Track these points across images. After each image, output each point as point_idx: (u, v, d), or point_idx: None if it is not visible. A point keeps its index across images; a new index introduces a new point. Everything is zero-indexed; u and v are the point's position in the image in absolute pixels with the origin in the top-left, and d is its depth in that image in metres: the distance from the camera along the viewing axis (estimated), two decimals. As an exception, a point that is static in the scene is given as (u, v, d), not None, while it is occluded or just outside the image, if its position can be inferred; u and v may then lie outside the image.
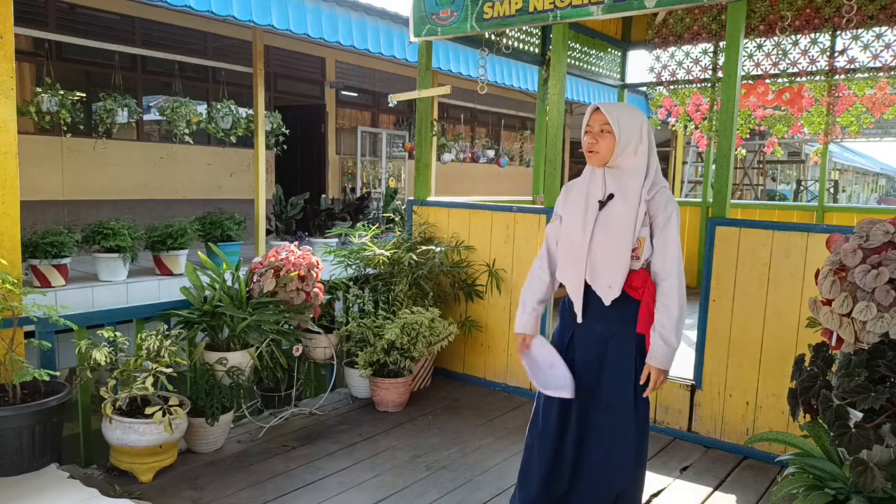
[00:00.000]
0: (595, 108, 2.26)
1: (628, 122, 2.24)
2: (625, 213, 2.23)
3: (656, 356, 2.24)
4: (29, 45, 7.72)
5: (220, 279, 3.62)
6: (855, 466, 1.89)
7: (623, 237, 2.21)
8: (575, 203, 2.34)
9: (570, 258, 2.31)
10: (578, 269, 2.29)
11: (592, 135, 2.26)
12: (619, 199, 2.24)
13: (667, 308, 2.22)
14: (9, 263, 3.10)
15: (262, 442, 3.45)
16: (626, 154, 2.25)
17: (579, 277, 2.29)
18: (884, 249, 2.11)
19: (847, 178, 28.86)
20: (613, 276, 2.24)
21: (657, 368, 2.25)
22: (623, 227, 2.22)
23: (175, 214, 8.18)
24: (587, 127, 2.29)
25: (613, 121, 2.22)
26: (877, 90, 5.76)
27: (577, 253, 2.29)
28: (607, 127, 2.23)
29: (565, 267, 2.35)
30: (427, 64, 4.60)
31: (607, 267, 2.24)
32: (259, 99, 7.80)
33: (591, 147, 2.26)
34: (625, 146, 2.24)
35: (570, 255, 2.31)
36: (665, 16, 6.24)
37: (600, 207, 2.25)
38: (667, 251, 2.23)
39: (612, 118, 2.23)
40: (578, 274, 2.29)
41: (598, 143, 2.25)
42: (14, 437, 2.83)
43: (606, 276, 2.25)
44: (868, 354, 2.01)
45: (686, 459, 3.38)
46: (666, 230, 2.23)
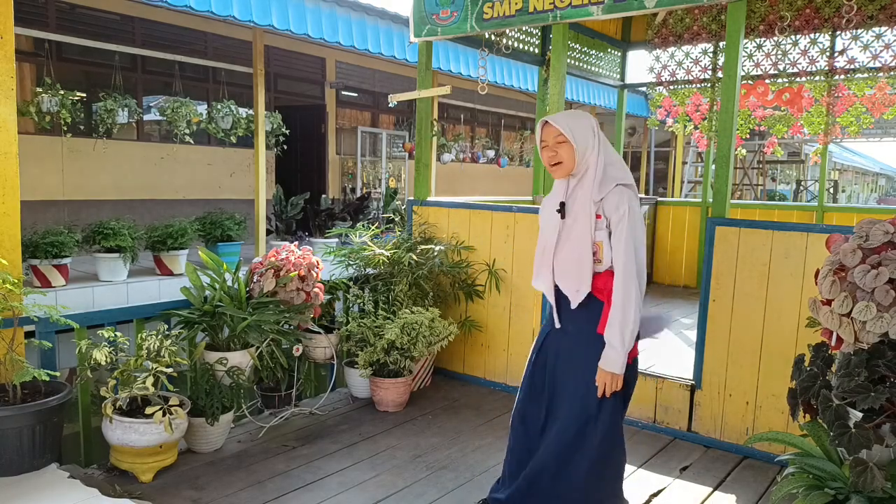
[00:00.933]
0: (544, 123, 2.31)
1: (580, 128, 2.29)
2: (581, 218, 2.29)
3: (604, 359, 2.27)
4: (29, 45, 7.72)
5: (220, 279, 3.62)
6: (855, 466, 1.89)
7: (583, 242, 2.27)
8: (545, 214, 2.43)
9: (542, 264, 2.41)
10: (548, 274, 2.38)
11: (550, 148, 2.31)
12: (576, 207, 2.30)
13: (612, 308, 2.24)
14: (9, 263, 3.10)
15: (263, 442, 3.45)
16: (588, 158, 2.29)
17: (549, 281, 2.38)
18: (883, 249, 2.11)
19: (847, 178, 28.86)
20: (578, 279, 2.30)
21: (601, 369, 2.27)
22: (582, 232, 2.27)
23: (175, 214, 8.18)
24: (542, 143, 2.34)
25: (566, 130, 2.27)
26: (876, 90, 5.76)
27: (546, 259, 2.38)
28: (561, 137, 2.29)
29: (538, 273, 2.44)
30: (427, 64, 4.61)
31: (571, 271, 2.31)
32: (259, 99, 7.80)
33: (553, 160, 2.30)
34: (584, 151, 2.29)
35: (542, 261, 2.41)
36: (665, 16, 6.24)
37: (562, 216, 2.33)
38: (617, 251, 2.25)
39: (563, 128, 2.28)
40: (548, 278, 2.38)
41: (558, 155, 2.30)
42: (14, 437, 2.83)
43: (572, 279, 2.31)
44: (868, 354, 2.01)
45: (686, 459, 3.38)
46: (618, 229, 2.25)
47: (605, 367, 2.26)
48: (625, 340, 2.22)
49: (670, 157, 18.15)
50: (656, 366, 3.93)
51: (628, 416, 3.78)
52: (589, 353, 2.32)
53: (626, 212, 2.23)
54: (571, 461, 2.36)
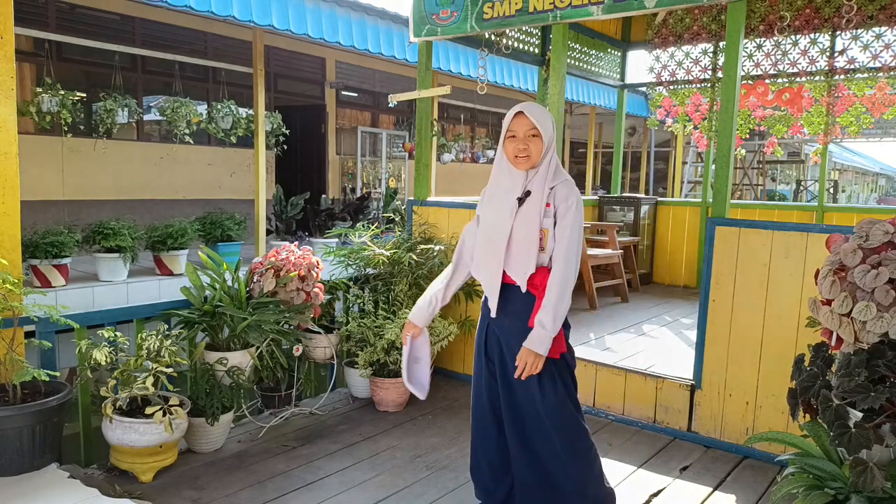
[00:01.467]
0: (519, 112, 2.31)
1: (548, 124, 2.32)
2: (534, 203, 2.32)
3: (531, 338, 2.29)
4: (29, 45, 7.72)
5: (220, 279, 3.62)
6: (855, 466, 1.89)
7: (532, 228, 2.30)
8: (494, 203, 2.41)
9: (489, 252, 2.38)
10: (497, 262, 2.36)
11: (520, 140, 2.31)
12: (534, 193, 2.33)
13: (549, 291, 2.28)
14: (9, 263, 3.10)
15: (263, 442, 3.45)
16: (547, 153, 2.34)
17: (498, 269, 2.36)
18: (883, 249, 2.11)
19: (847, 178, 28.86)
20: (527, 262, 2.32)
21: (527, 349, 2.28)
22: (532, 218, 2.31)
23: (175, 214, 8.18)
24: (510, 132, 2.33)
25: (540, 125, 2.29)
26: (876, 90, 5.76)
27: (496, 246, 2.36)
28: (534, 131, 2.29)
29: (482, 263, 2.42)
30: (427, 64, 4.60)
31: (522, 256, 2.33)
32: (259, 99, 7.80)
33: (522, 152, 2.31)
34: (548, 146, 2.33)
35: (489, 250, 2.38)
36: (665, 16, 6.24)
37: (520, 204, 2.33)
38: (561, 239, 2.30)
39: (538, 122, 2.29)
40: (497, 266, 2.36)
41: (528, 148, 2.31)
42: (14, 437, 2.83)
43: (521, 263, 2.33)
44: (868, 354, 2.01)
45: (686, 459, 3.38)
46: (564, 220, 2.30)
47: (531, 346, 2.28)
48: (555, 323, 2.28)
49: (670, 157, 18.16)
50: (656, 366, 3.93)
51: (628, 416, 3.80)
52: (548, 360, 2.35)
53: (574, 203, 2.31)
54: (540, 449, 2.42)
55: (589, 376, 3.95)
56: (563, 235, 2.29)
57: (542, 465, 2.43)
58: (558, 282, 2.27)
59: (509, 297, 2.38)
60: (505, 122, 2.36)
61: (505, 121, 2.36)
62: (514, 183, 2.37)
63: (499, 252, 2.35)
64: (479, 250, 2.44)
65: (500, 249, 2.34)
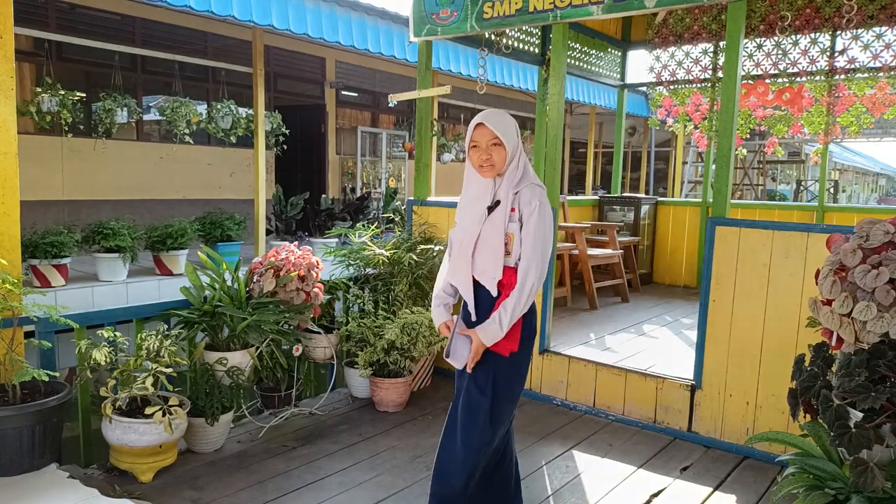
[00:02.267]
0: (479, 124, 2.33)
1: (510, 131, 2.35)
2: (501, 210, 2.34)
3: (483, 328, 2.31)
4: (29, 45, 7.72)
5: (219, 279, 3.62)
6: (855, 466, 1.89)
7: (498, 233, 2.32)
8: (466, 211, 2.44)
9: (461, 259, 2.41)
10: (466, 268, 2.39)
11: (483, 150, 2.33)
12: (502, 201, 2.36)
13: (514, 294, 2.29)
14: (9, 263, 3.10)
15: (262, 442, 3.45)
16: (514, 160, 2.36)
17: (468, 275, 2.40)
18: (884, 249, 2.11)
19: (847, 178, 28.86)
20: (493, 267, 2.34)
21: (477, 336, 2.32)
22: (497, 223, 2.33)
23: (175, 214, 8.18)
24: (472, 143, 2.35)
25: (501, 134, 2.31)
26: (877, 90, 5.76)
27: (465, 253, 2.39)
28: (496, 140, 2.31)
29: (457, 269, 2.45)
30: (427, 64, 4.60)
31: (487, 261, 2.34)
32: (259, 99, 7.80)
33: (487, 162, 2.33)
34: (513, 154, 2.35)
35: (461, 256, 2.42)
36: (665, 16, 6.24)
37: (489, 212, 2.35)
38: (525, 242, 2.32)
39: (499, 132, 2.30)
40: (467, 272, 2.40)
41: (491, 158, 2.32)
42: (14, 437, 2.82)
43: (488, 268, 2.35)
44: (868, 354, 2.01)
45: (686, 459, 3.38)
46: (529, 223, 2.32)
47: (481, 335, 2.32)
48: (510, 321, 2.30)
49: (670, 157, 18.15)
50: (656, 366, 3.92)
51: (628, 416, 3.79)
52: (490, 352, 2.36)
53: (538, 206, 2.32)
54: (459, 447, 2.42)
55: (589, 376, 3.94)
56: (527, 239, 2.31)
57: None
58: (519, 285, 2.29)
59: (483, 301, 2.41)
60: (468, 132, 2.38)
61: (468, 131, 2.38)
62: (482, 191, 2.40)
63: (467, 258, 2.38)
64: (454, 257, 2.47)
65: (468, 256, 2.38)
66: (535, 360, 4.18)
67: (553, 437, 3.60)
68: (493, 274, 2.35)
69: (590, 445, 3.51)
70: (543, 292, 4.10)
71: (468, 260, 2.39)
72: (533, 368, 4.18)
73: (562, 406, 4.04)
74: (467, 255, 2.39)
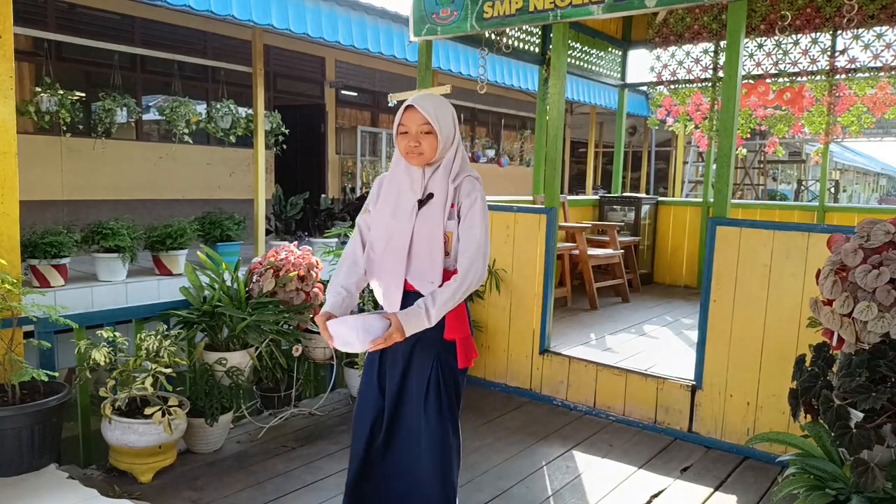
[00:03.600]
0: (409, 106, 2.10)
1: (446, 119, 2.13)
2: (437, 205, 2.14)
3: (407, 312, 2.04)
4: (28, 45, 7.71)
5: (219, 279, 3.62)
6: (856, 467, 1.89)
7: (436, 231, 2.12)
8: (387, 201, 2.19)
9: (389, 259, 2.16)
10: (398, 270, 2.14)
11: (412, 137, 2.10)
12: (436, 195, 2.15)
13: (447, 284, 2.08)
14: (8, 263, 3.09)
15: (262, 442, 3.44)
16: (447, 149, 2.16)
17: (399, 278, 2.14)
18: (885, 249, 2.10)
19: (848, 178, 28.87)
20: (432, 270, 2.12)
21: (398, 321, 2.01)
22: (435, 221, 2.12)
23: (174, 214, 8.17)
24: (402, 126, 2.12)
25: (433, 120, 2.09)
26: (877, 90, 5.75)
27: (396, 253, 2.14)
28: (427, 127, 2.10)
29: (382, 269, 2.18)
30: (427, 63, 4.59)
31: (425, 262, 2.13)
32: (259, 99, 7.79)
33: (414, 149, 2.11)
34: (445, 143, 2.13)
35: (388, 256, 2.16)
36: (665, 15, 6.23)
37: (419, 207, 2.13)
38: (469, 235, 2.13)
39: (431, 118, 2.08)
40: (399, 275, 2.14)
41: (420, 146, 2.11)
42: (13, 438, 2.82)
43: (426, 271, 2.13)
44: (869, 354, 2.00)
45: (686, 460, 3.37)
46: (470, 215, 2.14)
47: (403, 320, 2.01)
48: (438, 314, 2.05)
49: (671, 157, 18.15)
50: (657, 366, 3.92)
51: (628, 417, 3.79)
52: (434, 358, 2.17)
53: (478, 198, 2.16)
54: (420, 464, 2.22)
55: (589, 377, 3.94)
56: (471, 231, 2.12)
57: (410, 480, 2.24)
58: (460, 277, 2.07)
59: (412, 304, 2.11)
60: (397, 115, 2.15)
61: (397, 114, 2.15)
62: (412, 181, 2.16)
63: (400, 259, 2.13)
64: (376, 256, 2.19)
65: (400, 257, 2.13)
66: (535, 361, 4.18)
67: (553, 438, 3.59)
68: (432, 278, 2.11)
69: (590, 446, 3.51)
70: (543, 292, 4.09)
71: (401, 261, 2.13)
72: (533, 369, 4.18)
73: (562, 406, 4.04)
74: (400, 255, 2.13)
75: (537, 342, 4.15)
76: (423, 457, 2.20)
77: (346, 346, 2.03)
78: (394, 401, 2.23)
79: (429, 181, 2.16)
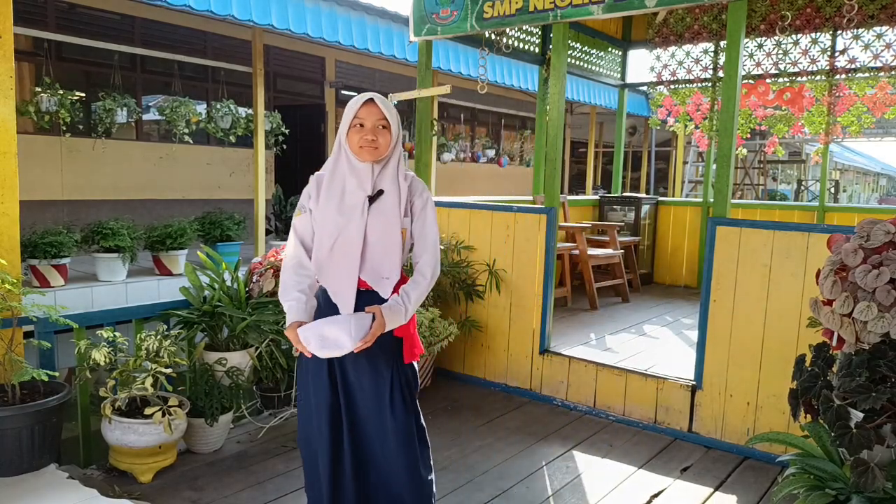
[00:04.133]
0: (370, 100, 2.12)
1: (395, 116, 2.17)
2: (392, 203, 2.15)
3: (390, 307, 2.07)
4: (28, 45, 7.71)
5: (219, 279, 3.62)
6: (856, 467, 1.89)
7: (393, 227, 2.14)
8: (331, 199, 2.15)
9: (341, 259, 2.13)
10: (352, 269, 2.13)
11: (369, 131, 2.10)
12: (387, 192, 2.16)
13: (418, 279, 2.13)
14: (8, 263, 3.09)
15: (262, 442, 3.44)
16: (396, 147, 2.19)
17: (353, 278, 2.13)
18: (885, 249, 2.10)
19: (848, 178, 28.87)
20: (390, 266, 2.15)
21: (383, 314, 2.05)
22: (392, 216, 2.14)
23: (174, 214, 8.17)
24: (357, 120, 2.12)
25: (389, 116, 2.13)
26: (877, 90, 5.76)
27: (349, 253, 2.12)
28: (384, 122, 2.12)
29: (335, 268, 2.15)
30: (427, 63, 4.60)
31: (384, 259, 2.14)
32: (259, 98, 7.79)
33: (370, 143, 2.10)
34: (396, 139, 2.17)
35: (340, 257, 2.13)
36: (665, 15, 6.23)
37: (370, 203, 2.13)
38: (425, 231, 2.18)
39: (387, 113, 2.12)
40: (353, 274, 2.13)
41: (377, 140, 2.11)
42: (13, 438, 2.82)
43: (384, 269, 2.14)
44: (869, 354, 2.00)
45: (686, 460, 3.37)
46: (424, 213, 2.19)
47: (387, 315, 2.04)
48: (413, 310, 2.12)
49: (671, 157, 18.15)
50: (657, 366, 3.92)
51: (628, 417, 3.79)
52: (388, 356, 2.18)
53: (428, 197, 2.22)
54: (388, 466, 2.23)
55: (589, 377, 3.94)
56: (428, 229, 2.19)
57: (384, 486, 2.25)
58: (429, 277, 2.13)
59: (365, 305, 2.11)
60: (350, 108, 2.14)
61: (350, 107, 2.14)
62: (359, 178, 2.14)
63: (353, 257, 2.11)
64: (324, 256, 2.15)
65: (354, 254, 2.11)
66: (535, 361, 4.18)
67: (553, 438, 3.59)
68: (387, 274, 2.12)
69: (590, 446, 3.51)
70: (543, 292, 4.09)
71: (355, 259, 2.11)
72: (533, 369, 4.18)
73: (562, 406, 4.04)
74: (353, 253, 2.10)
75: (537, 342, 4.15)
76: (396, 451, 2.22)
77: (334, 349, 2.00)
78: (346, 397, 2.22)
79: (377, 178, 2.17)
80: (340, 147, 2.18)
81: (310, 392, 2.26)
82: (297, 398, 2.34)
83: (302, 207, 2.22)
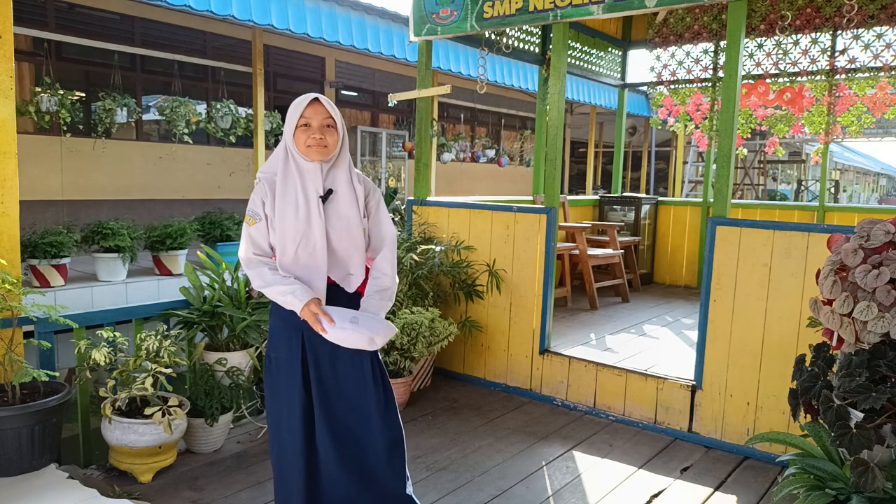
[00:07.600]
0: (315, 99, 2.13)
1: (339, 115, 2.18)
2: (349, 202, 2.18)
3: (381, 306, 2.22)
4: (28, 45, 7.72)
5: (219, 279, 3.62)
6: (856, 467, 1.89)
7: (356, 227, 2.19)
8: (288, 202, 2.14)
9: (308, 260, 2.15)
10: (321, 267, 2.16)
11: (316, 130, 2.11)
12: (340, 191, 2.18)
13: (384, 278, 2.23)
14: (8, 263, 3.09)
15: (262, 442, 3.44)
16: (343, 145, 2.21)
17: (322, 275, 2.16)
18: (884, 249, 2.10)
19: (848, 178, 28.87)
20: (357, 265, 2.21)
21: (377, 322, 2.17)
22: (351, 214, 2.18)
23: (174, 214, 8.17)
24: (304, 120, 2.12)
25: (335, 114, 2.14)
26: (877, 90, 5.75)
27: (314, 253, 2.14)
28: (330, 121, 2.13)
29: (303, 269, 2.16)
30: (427, 63, 4.60)
31: (349, 259, 2.19)
32: (259, 98, 7.80)
33: (318, 142, 2.11)
34: (343, 138, 2.19)
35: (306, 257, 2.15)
36: (665, 15, 6.23)
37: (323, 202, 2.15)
38: (381, 228, 2.27)
39: (333, 111, 2.13)
40: (321, 272, 2.16)
41: (325, 139, 2.12)
42: (13, 438, 2.82)
43: (350, 266, 2.20)
44: (869, 354, 2.00)
45: (687, 460, 3.37)
46: (379, 210, 2.27)
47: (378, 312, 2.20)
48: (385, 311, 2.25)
49: (671, 157, 18.15)
50: (657, 366, 3.92)
51: (628, 417, 3.79)
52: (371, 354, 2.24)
53: (380, 195, 2.29)
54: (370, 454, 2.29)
55: (590, 377, 3.94)
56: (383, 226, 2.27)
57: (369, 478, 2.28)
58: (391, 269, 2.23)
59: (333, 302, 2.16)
60: (295, 109, 2.13)
61: (294, 108, 2.14)
62: (312, 178, 2.15)
63: (321, 256, 2.14)
64: (289, 262, 2.15)
65: (321, 254, 2.14)
66: (535, 361, 4.18)
67: (553, 438, 3.59)
68: (352, 270, 2.19)
69: (590, 446, 3.51)
70: (543, 292, 4.09)
71: (323, 258, 2.14)
72: (533, 369, 4.18)
73: (562, 406, 4.04)
74: (320, 253, 2.13)
75: (537, 342, 4.15)
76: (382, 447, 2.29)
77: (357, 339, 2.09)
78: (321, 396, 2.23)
79: (327, 178, 2.18)
80: (287, 150, 2.17)
81: (280, 394, 2.25)
82: (266, 402, 2.33)
83: (256, 215, 2.18)
